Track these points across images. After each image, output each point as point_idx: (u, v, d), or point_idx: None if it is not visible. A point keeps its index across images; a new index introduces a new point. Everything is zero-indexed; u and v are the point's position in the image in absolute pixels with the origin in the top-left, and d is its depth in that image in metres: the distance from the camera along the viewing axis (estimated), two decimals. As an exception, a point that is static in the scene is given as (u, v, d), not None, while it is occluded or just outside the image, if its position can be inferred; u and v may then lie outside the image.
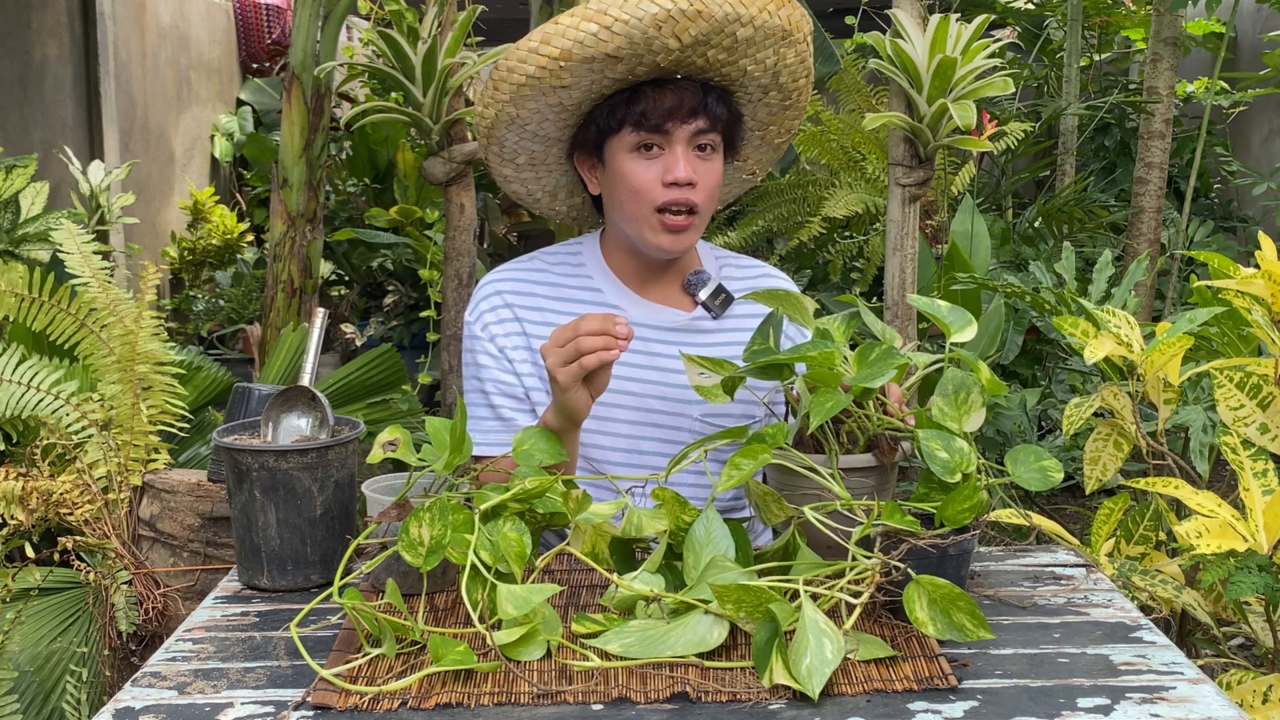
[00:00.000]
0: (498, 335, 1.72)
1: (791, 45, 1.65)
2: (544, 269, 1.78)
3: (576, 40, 1.55)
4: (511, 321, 1.73)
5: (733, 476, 1.26)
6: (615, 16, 1.53)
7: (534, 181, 1.80)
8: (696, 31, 1.56)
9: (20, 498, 2.02)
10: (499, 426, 1.71)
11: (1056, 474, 1.28)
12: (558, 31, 1.56)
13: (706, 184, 1.66)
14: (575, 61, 1.56)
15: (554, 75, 1.58)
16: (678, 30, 1.55)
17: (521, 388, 1.71)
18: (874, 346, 1.34)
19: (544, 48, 1.57)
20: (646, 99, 1.62)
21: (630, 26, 1.53)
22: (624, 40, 1.54)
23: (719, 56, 1.61)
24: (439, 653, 1.14)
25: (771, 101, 1.74)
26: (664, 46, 1.56)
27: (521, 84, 1.60)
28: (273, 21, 7.34)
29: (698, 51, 1.59)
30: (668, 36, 1.55)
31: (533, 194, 1.83)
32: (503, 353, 1.72)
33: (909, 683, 1.13)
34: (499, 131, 1.69)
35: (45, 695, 1.94)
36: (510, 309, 1.73)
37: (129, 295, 2.20)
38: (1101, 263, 2.19)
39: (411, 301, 5.72)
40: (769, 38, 1.61)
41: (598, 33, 1.54)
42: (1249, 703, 1.47)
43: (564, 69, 1.57)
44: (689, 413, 1.72)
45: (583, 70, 1.58)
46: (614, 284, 1.76)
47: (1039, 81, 6.12)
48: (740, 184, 1.90)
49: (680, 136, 1.63)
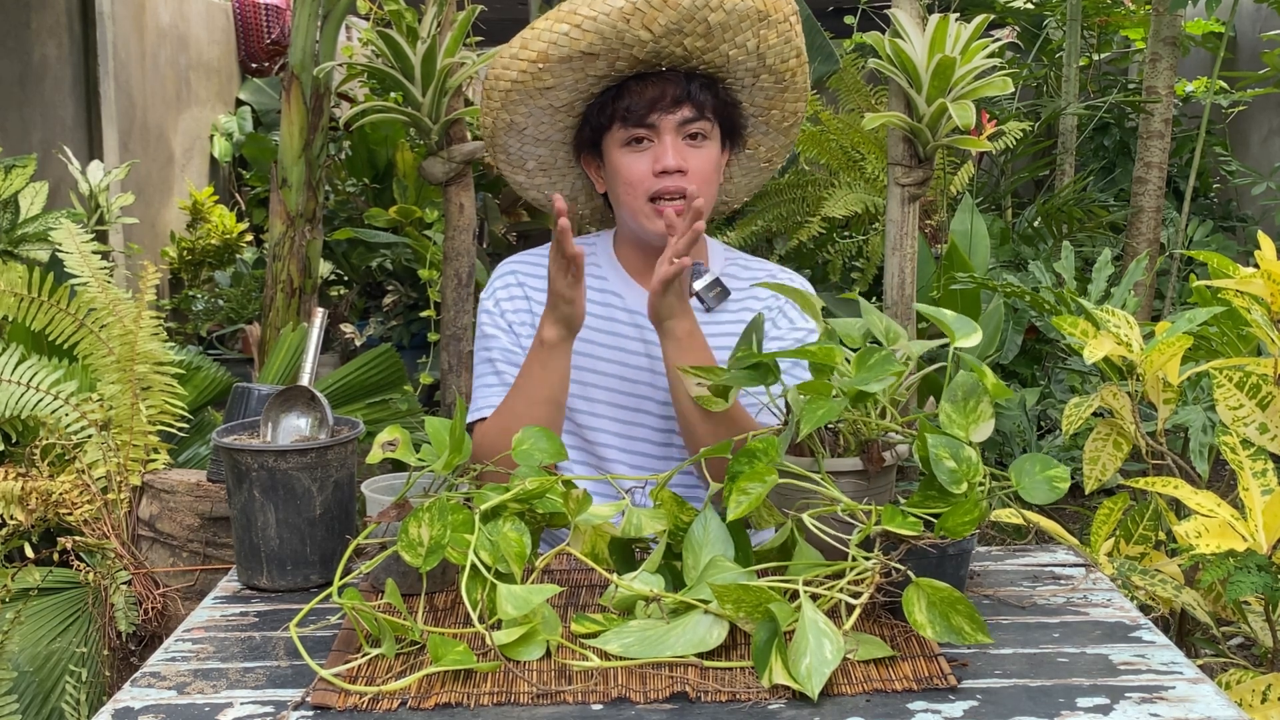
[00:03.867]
0: (507, 311, 1.80)
1: (771, 26, 1.67)
2: None
3: (550, 41, 1.61)
4: (521, 299, 1.81)
5: (741, 502, 1.25)
6: (584, 14, 1.59)
7: (549, 188, 1.86)
8: (666, 20, 1.59)
9: (20, 498, 2.02)
10: (502, 390, 1.78)
11: (1063, 484, 1.28)
12: (534, 35, 1.63)
13: (699, 170, 1.69)
14: (553, 62, 1.62)
15: (535, 78, 1.64)
16: (646, 21, 1.59)
17: (524, 355, 1.77)
18: (873, 351, 1.33)
19: (523, 52, 1.63)
20: (630, 94, 1.67)
21: (599, 22, 1.58)
22: (595, 36, 1.59)
23: (696, 44, 1.64)
24: (438, 653, 1.14)
25: (765, 85, 1.76)
26: (636, 39, 1.60)
27: (508, 89, 1.66)
28: (272, 21, 7.33)
29: (673, 41, 1.63)
30: (638, 28, 1.59)
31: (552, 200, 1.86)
32: (510, 326, 1.80)
33: (908, 683, 1.13)
34: (501, 139, 1.75)
35: (45, 695, 1.94)
36: (522, 287, 1.81)
37: (128, 295, 2.20)
38: (1101, 262, 2.19)
39: (411, 301, 5.71)
40: (744, 20, 1.64)
41: (569, 31, 1.60)
42: (1248, 702, 1.47)
43: (543, 70, 1.63)
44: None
45: (562, 70, 1.64)
46: (619, 273, 1.81)
47: (1038, 81, 6.12)
48: (759, 173, 1.93)
49: (667, 126, 1.67)
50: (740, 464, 1.27)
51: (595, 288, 1.80)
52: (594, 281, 1.80)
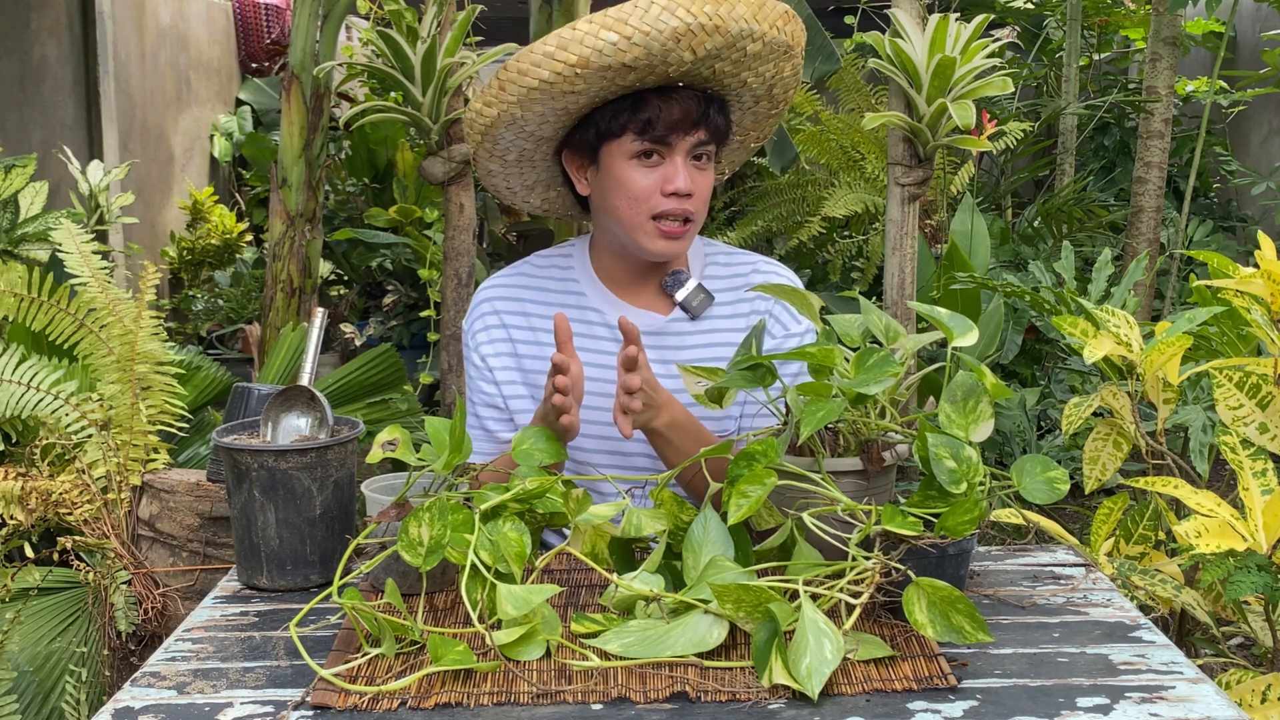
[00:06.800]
0: (483, 343, 1.78)
1: (790, 59, 1.68)
2: (533, 274, 1.82)
3: (595, 49, 1.54)
4: (499, 329, 1.78)
5: (741, 505, 1.25)
6: (635, 27, 1.53)
7: (516, 177, 1.81)
8: (712, 45, 1.57)
9: (20, 498, 2.02)
10: (481, 435, 1.78)
11: (1063, 485, 1.28)
12: (575, 38, 1.55)
13: (702, 194, 1.69)
14: (592, 70, 1.56)
15: (568, 81, 1.58)
16: (694, 44, 1.55)
17: (502, 398, 1.77)
18: (872, 352, 1.33)
19: (560, 53, 1.56)
20: (652, 108, 1.63)
21: (650, 38, 1.53)
22: (642, 51, 1.54)
23: (725, 69, 1.63)
24: (438, 652, 1.14)
25: (760, 110, 1.76)
26: (679, 59, 1.57)
27: (533, 87, 1.60)
28: (272, 21, 7.33)
29: (707, 65, 1.61)
30: (684, 50, 1.56)
31: (511, 188, 1.83)
32: (485, 362, 1.77)
33: (908, 682, 1.13)
34: (497, 130, 1.69)
35: (45, 695, 1.94)
36: (498, 316, 1.78)
37: (128, 295, 2.20)
38: (1101, 262, 2.19)
39: (411, 301, 5.71)
40: (773, 53, 1.64)
41: (617, 42, 1.53)
42: (1248, 702, 1.47)
43: (579, 76, 1.57)
44: None
45: (596, 78, 1.58)
46: (597, 288, 1.78)
47: (1038, 81, 6.12)
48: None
49: (682, 147, 1.65)
50: (740, 467, 1.27)
51: (573, 304, 1.77)
52: (570, 299, 1.77)
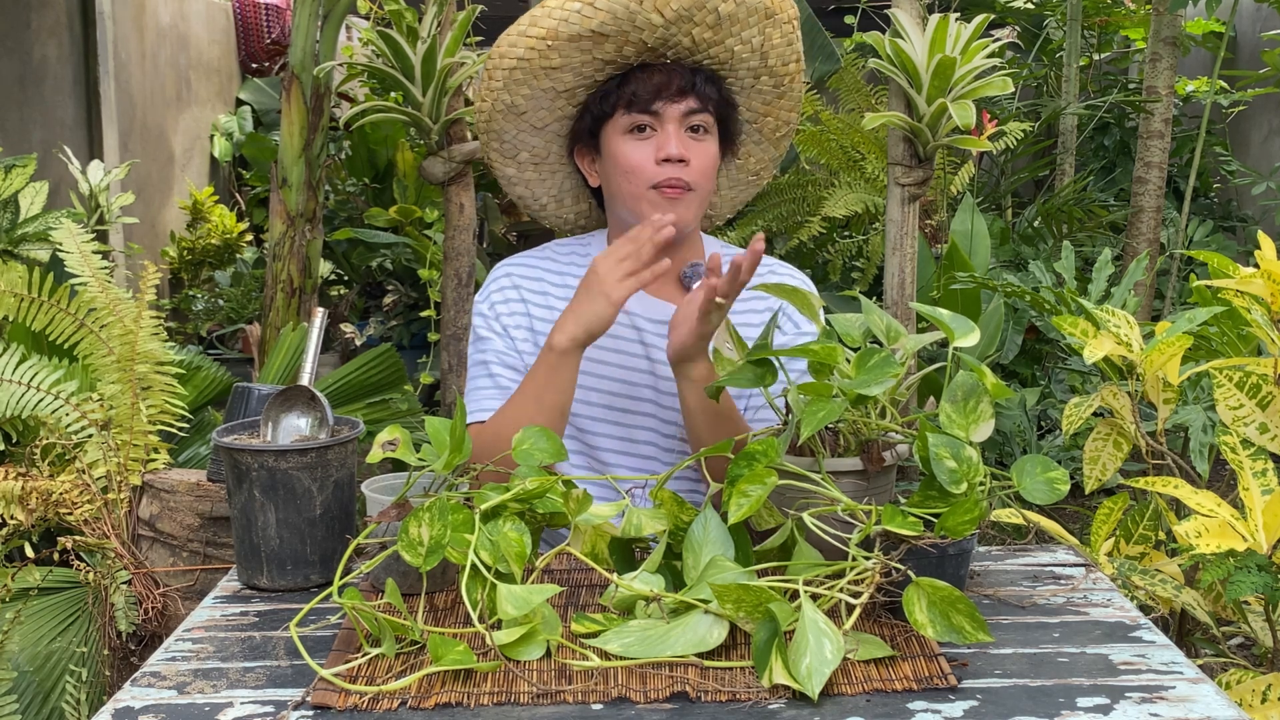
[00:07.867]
0: (503, 314, 1.79)
1: (776, 25, 1.70)
2: (554, 258, 1.84)
3: (561, 19, 1.62)
4: (518, 302, 1.79)
5: (741, 505, 1.25)
6: None
7: (538, 184, 1.85)
8: (678, 6, 1.61)
9: (20, 498, 2.02)
10: (496, 393, 1.76)
11: (1063, 485, 1.28)
12: (544, 13, 1.63)
13: (700, 163, 1.70)
14: (562, 40, 1.63)
15: (542, 56, 1.65)
16: (659, 4, 1.61)
17: (519, 359, 1.77)
18: (873, 352, 1.33)
19: (531, 29, 1.64)
20: (635, 80, 1.68)
21: (612, 1, 1.60)
22: (607, 15, 1.60)
23: (704, 35, 1.66)
24: (438, 652, 1.14)
25: (764, 88, 1.77)
26: (648, 21, 1.62)
27: (513, 67, 1.67)
28: (272, 21, 7.34)
29: (683, 29, 1.64)
30: (650, 11, 1.61)
31: (538, 198, 1.88)
32: (505, 330, 1.78)
33: (908, 682, 1.13)
34: (497, 123, 1.74)
35: (45, 695, 1.94)
36: (518, 289, 1.80)
37: (128, 295, 2.20)
38: (1101, 262, 2.19)
39: (411, 301, 5.72)
40: (752, 14, 1.66)
41: (581, 9, 1.61)
42: (1248, 702, 1.47)
43: (551, 48, 1.64)
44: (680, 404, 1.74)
45: (570, 49, 1.64)
46: None
47: (1038, 81, 6.12)
48: (747, 185, 1.92)
49: (671, 115, 1.68)
50: (740, 467, 1.27)
51: None
52: None
